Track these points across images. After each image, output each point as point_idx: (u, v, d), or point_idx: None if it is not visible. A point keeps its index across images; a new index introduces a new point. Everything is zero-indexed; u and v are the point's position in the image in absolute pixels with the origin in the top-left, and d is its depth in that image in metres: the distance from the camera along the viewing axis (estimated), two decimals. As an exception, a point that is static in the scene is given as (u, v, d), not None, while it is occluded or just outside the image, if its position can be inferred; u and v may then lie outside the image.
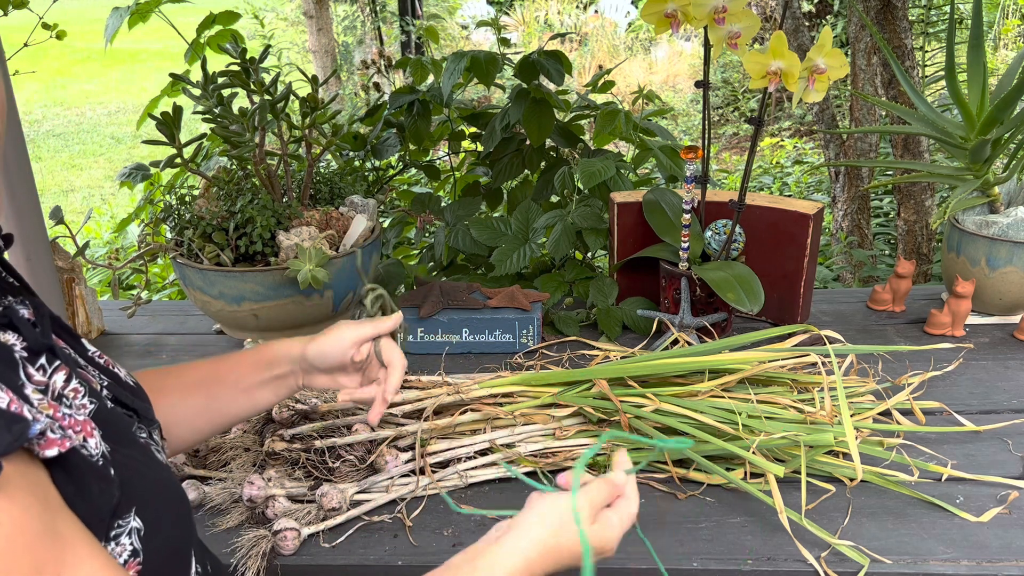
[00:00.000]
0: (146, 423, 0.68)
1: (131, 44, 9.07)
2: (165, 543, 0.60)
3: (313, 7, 4.94)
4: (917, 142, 2.58)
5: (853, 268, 2.94)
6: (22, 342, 0.55)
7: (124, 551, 0.55)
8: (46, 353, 0.56)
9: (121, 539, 0.55)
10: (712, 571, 0.88)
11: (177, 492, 0.64)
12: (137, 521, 0.57)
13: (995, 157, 1.34)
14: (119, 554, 0.55)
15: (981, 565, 0.86)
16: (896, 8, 2.47)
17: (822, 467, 1.01)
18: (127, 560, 0.56)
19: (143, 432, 0.66)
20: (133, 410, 0.66)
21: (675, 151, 1.63)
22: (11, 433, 0.46)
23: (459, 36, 7.77)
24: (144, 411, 0.68)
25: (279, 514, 0.95)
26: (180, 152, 1.26)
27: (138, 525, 0.57)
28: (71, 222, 1.37)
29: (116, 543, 0.55)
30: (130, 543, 0.56)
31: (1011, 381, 1.23)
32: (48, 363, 0.56)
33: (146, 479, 0.59)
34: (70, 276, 1.46)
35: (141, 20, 1.58)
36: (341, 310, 1.38)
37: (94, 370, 0.66)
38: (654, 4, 1.13)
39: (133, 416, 0.66)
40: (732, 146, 6.10)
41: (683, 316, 1.31)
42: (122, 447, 0.58)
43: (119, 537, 0.55)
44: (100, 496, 0.54)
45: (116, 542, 0.55)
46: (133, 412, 0.66)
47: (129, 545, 0.56)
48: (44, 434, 0.50)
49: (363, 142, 1.79)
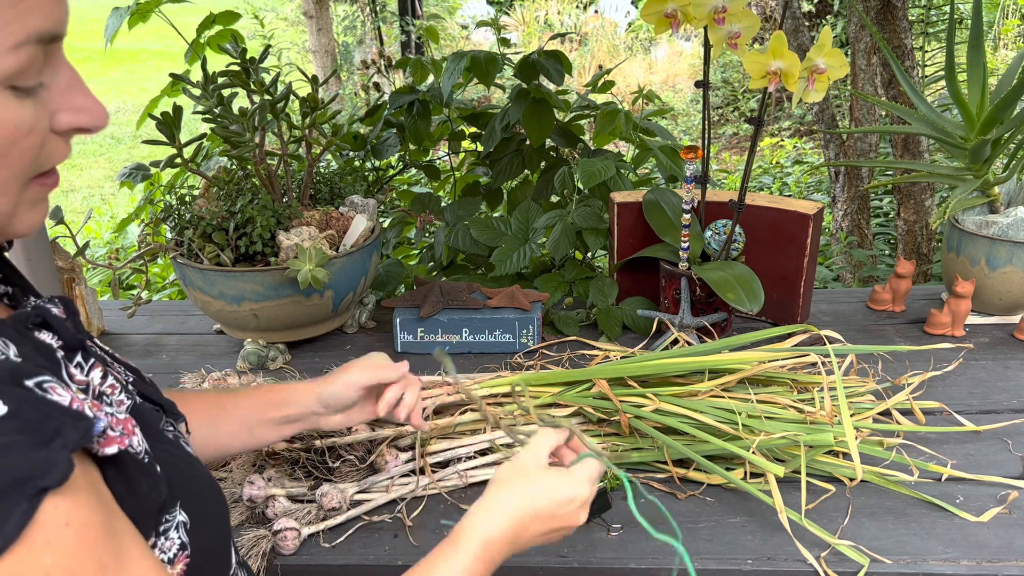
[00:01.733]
0: (172, 417, 0.68)
1: (131, 44, 9.06)
2: (211, 535, 0.60)
3: (313, 7, 4.94)
4: (917, 142, 2.58)
5: (853, 268, 2.94)
6: (58, 341, 0.54)
7: (173, 545, 0.56)
8: (81, 350, 0.56)
9: (170, 533, 0.56)
10: (712, 571, 0.88)
11: (213, 485, 0.64)
12: (183, 515, 0.57)
13: (995, 157, 1.34)
14: (168, 548, 0.55)
15: (981, 565, 0.86)
16: (896, 8, 2.47)
17: (822, 467, 1.01)
18: (176, 554, 0.56)
19: (171, 427, 0.66)
20: (160, 405, 0.67)
21: (675, 151, 1.63)
22: (78, 431, 0.46)
23: (459, 36, 7.77)
24: (169, 406, 0.68)
25: (279, 514, 0.95)
26: (180, 152, 1.26)
27: (184, 519, 0.57)
28: (71, 222, 1.37)
29: (165, 537, 0.55)
30: (178, 537, 0.56)
31: (1011, 381, 1.23)
32: (84, 360, 0.56)
33: (185, 473, 0.60)
34: (70, 276, 1.46)
35: (141, 20, 1.58)
36: (341, 310, 1.38)
37: (119, 366, 0.66)
38: (654, 4, 1.13)
39: (160, 411, 0.66)
40: (732, 146, 6.10)
41: (683, 316, 1.31)
42: (158, 442, 0.59)
43: (168, 532, 0.56)
44: (149, 493, 0.54)
45: (165, 536, 0.55)
46: (160, 407, 0.67)
47: (178, 539, 0.56)
48: (105, 432, 0.50)
49: (363, 142, 1.79)
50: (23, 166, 0.49)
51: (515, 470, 0.72)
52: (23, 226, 0.52)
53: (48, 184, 0.52)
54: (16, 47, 0.45)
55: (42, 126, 0.49)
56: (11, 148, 0.47)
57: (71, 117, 0.51)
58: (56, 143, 0.51)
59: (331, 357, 1.36)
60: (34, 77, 0.48)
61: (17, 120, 0.47)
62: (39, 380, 0.47)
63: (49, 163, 0.51)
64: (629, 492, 0.70)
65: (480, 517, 0.69)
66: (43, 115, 0.49)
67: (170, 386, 1.21)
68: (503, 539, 0.68)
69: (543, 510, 0.70)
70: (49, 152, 0.51)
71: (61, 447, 0.45)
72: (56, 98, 0.50)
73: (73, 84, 0.51)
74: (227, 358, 1.38)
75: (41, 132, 0.49)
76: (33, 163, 0.49)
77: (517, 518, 0.69)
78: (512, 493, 0.70)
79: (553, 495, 0.70)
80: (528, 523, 0.69)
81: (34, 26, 0.46)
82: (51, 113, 0.50)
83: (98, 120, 0.52)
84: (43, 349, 0.51)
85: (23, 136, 0.47)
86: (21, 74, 0.46)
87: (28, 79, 0.47)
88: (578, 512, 0.72)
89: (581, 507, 0.72)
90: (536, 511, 0.70)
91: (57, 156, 0.52)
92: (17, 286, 0.61)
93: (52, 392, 0.47)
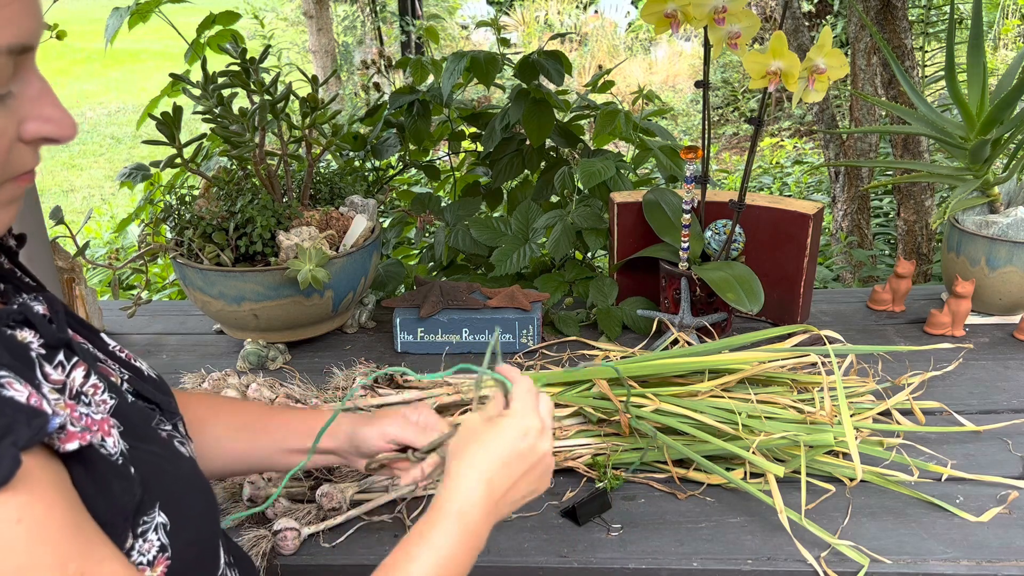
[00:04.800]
0: (168, 416, 0.67)
1: (131, 44, 9.06)
2: (193, 536, 0.60)
3: (313, 7, 4.94)
4: (917, 142, 2.58)
5: (853, 268, 2.94)
6: (39, 339, 0.54)
7: (152, 547, 0.55)
8: (63, 349, 0.56)
9: (148, 535, 0.55)
10: (712, 571, 0.88)
11: (201, 484, 0.63)
12: (162, 516, 0.57)
13: (995, 157, 1.34)
14: (147, 551, 0.55)
15: (981, 565, 0.86)
16: (896, 8, 2.47)
17: (822, 467, 1.01)
18: (156, 556, 0.56)
19: (166, 425, 0.66)
20: (155, 403, 0.66)
21: (675, 151, 1.64)
22: (31, 428, 0.46)
23: (459, 36, 7.77)
24: (166, 404, 0.68)
25: (279, 514, 0.96)
26: (180, 152, 1.26)
27: (164, 520, 0.57)
28: (71, 222, 1.37)
29: (143, 539, 0.55)
30: (157, 539, 0.56)
31: (1011, 381, 1.23)
32: (66, 359, 0.56)
33: (169, 474, 0.59)
34: (70, 276, 1.46)
35: (141, 20, 1.58)
36: (341, 310, 1.38)
37: (114, 364, 0.66)
38: (654, 4, 1.13)
39: (155, 409, 0.66)
40: (732, 146, 6.10)
41: (683, 316, 1.31)
42: (143, 442, 0.58)
43: (146, 533, 0.55)
44: (122, 495, 0.54)
45: (143, 539, 0.55)
46: (155, 405, 0.66)
47: (156, 541, 0.56)
48: (64, 428, 0.50)
49: (363, 142, 1.79)
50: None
51: (465, 436, 0.70)
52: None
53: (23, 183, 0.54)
54: None
55: (10, 133, 0.50)
56: None
57: (38, 126, 0.52)
58: (23, 151, 0.52)
59: (331, 357, 1.36)
60: (2, 86, 0.49)
61: None
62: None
63: (16, 170, 0.52)
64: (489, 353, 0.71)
65: (447, 494, 0.66)
66: (11, 123, 0.50)
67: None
68: (479, 504, 0.66)
69: (504, 455, 0.68)
70: (15, 159, 0.52)
71: (10, 444, 0.45)
72: (25, 107, 0.51)
73: (43, 94, 0.52)
74: (227, 358, 1.38)
75: (8, 139, 0.50)
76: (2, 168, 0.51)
77: (485, 478, 0.67)
78: (470, 455, 0.68)
79: (505, 436, 0.68)
80: (497, 476, 0.67)
81: (4, 38, 0.48)
82: (19, 121, 0.51)
83: (65, 130, 0.53)
84: (15, 348, 0.51)
85: None
86: None
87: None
88: (539, 442, 0.70)
89: (540, 436, 0.70)
90: (499, 460, 0.68)
91: (24, 164, 0.53)
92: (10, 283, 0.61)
93: (8, 388, 0.47)
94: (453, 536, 0.64)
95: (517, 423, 0.70)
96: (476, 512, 0.66)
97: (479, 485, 0.67)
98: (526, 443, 0.69)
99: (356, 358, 1.34)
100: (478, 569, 0.90)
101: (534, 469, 0.70)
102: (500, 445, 0.68)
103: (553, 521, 0.96)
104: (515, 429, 0.69)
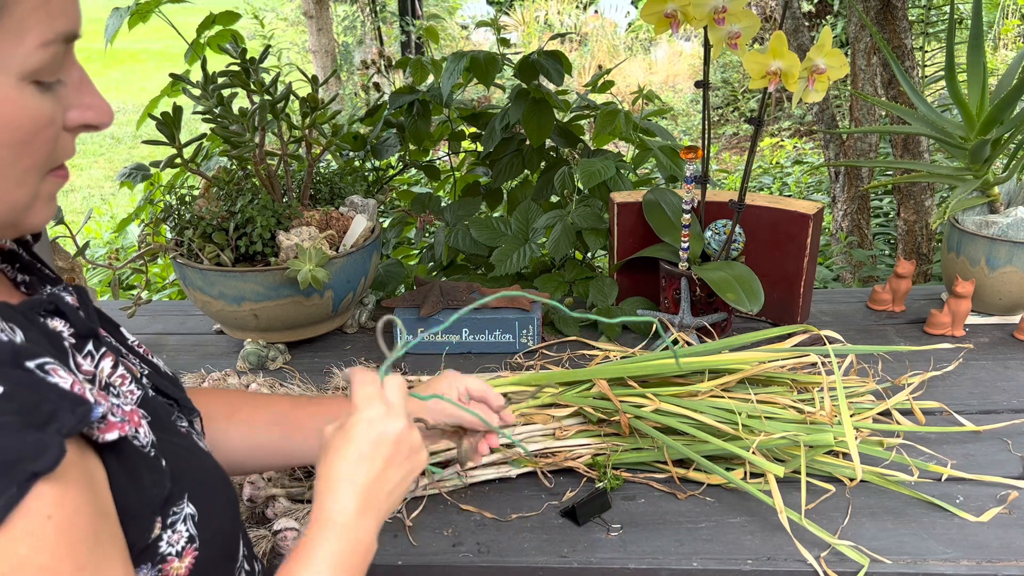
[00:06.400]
0: (186, 412, 0.68)
1: (131, 44, 9.07)
2: (219, 527, 0.60)
3: (313, 7, 4.94)
4: (917, 142, 2.58)
5: (853, 268, 2.94)
6: (69, 328, 0.55)
7: (181, 538, 0.56)
8: (92, 339, 0.56)
9: (177, 526, 0.56)
10: (712, 571, 0.88)
11: (222, 477, 0.64)
12: (191, 507, 0.57)
13: (995, 157, 1.34)
14: (176, 541, 0.55)
15: (981, 565, 0.86)
16: (896, 8, 2.47)
17: (822, 467, 1.01)
18: (185, 546, 0.56)
19: (183, 421, 0.66)
20: (173, 399, 0.67)
21: (675, 151, 1.64)
22: (75, 415, 0.46)
23: (459, 36, 7.77)
24: (183, 400, 0.68)
25: (279, 514, 0.96)
26: (180, 152, 1.26)
27: (192, 511, 0.57)
28: (71, 222, 1.37)
29: (173, 530, 0.55)
30: (186, 529, 0.56)
31: (1011, 381, 1.23)
32: (95, 349, 0.56)
33: (194, 466, 0.60)
34: (70, 276, 1.46)
35: (141, 20, 1.58)
36: (341, 310, 1.38)
37: (134, 358, 0.66)
38: (654, 4, 1.13)
39: (173, 405, 0.66)
40: (732, 146, 6.10)
41: (683, 316, 1.31)
42: (167, 435, 0.59)
43: (175, 524, 0.56)
44: (152, 487, 0.54)
45: (172, 529, 0.55)
46: (173, 401, 0.67)
47: (185, 532, 0.56)
48: (105, 417, 0.50)
49: (363, 142, 1.79)
50: (43, 156, 0.52)
51: (323, 449, 0.66)
52: (37, 219, 0.54)
53: (61, 177, 0.55)
54: (44, 45, 0.49)
55: (58, 120, 0.52)
56: (35, 138, 0.50)
57: (80, 113, 0.54)
58: (66, 139, 0.54)
59: (331, 357, 1.36)
60: (55, 73, 0.51)
61: (40, 112, 0.50)
62: (41, 362, 0.47)
63: (61, 158, 0.54)
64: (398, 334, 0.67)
65: (317, 506, 0.63)
66: (59, 110, 0.52)
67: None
68: (350, 505, 0.63)
69: (360, 451, 0.64)
70: (61, 147, 0.53)
71: (55, 431, 0.45)
72: (69, 95, 0.53)
73: (83, 82, 0.54)
74: (227, 358, 1.38)
75: (57, 126, 0.52)
76: (50, 156, 0.52)
77: (348, 478, 0.63)
78: (327, 464, 0.64)
79: (353, 434, 0.65)
80: (357, 473, 0.64)
81: (60, 26, 0.50)
82: (64, 109, 0.53)
83: (104, 117, 0.55)
84: (51, 336, 0.52)
85: (44, 127, 0.51)
86: (46, 70, 0.50)
87: (51, 75, 0.50)
88: (388, 425, 0.66)
89: (387, 419, 0.66)
90: (355, 458, 0.64)
91: (67, 151, 0.54)
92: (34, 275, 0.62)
93: (54, 374, 0.47)
94: (331, 542, 0.62)
95: (361, 417, 0.66)
96: (348, 514, 0.63)
97: (343, 487, 0.63)
98: (374, 432, 0.65)
99: (356, 358, 1.34)
100: (478, 569, 0.90)
101: (397, 452, 0.66)
102: (352, 444, 0.65)
103: (553, 521, 0.96)
104: (360, 423, 0.66)
